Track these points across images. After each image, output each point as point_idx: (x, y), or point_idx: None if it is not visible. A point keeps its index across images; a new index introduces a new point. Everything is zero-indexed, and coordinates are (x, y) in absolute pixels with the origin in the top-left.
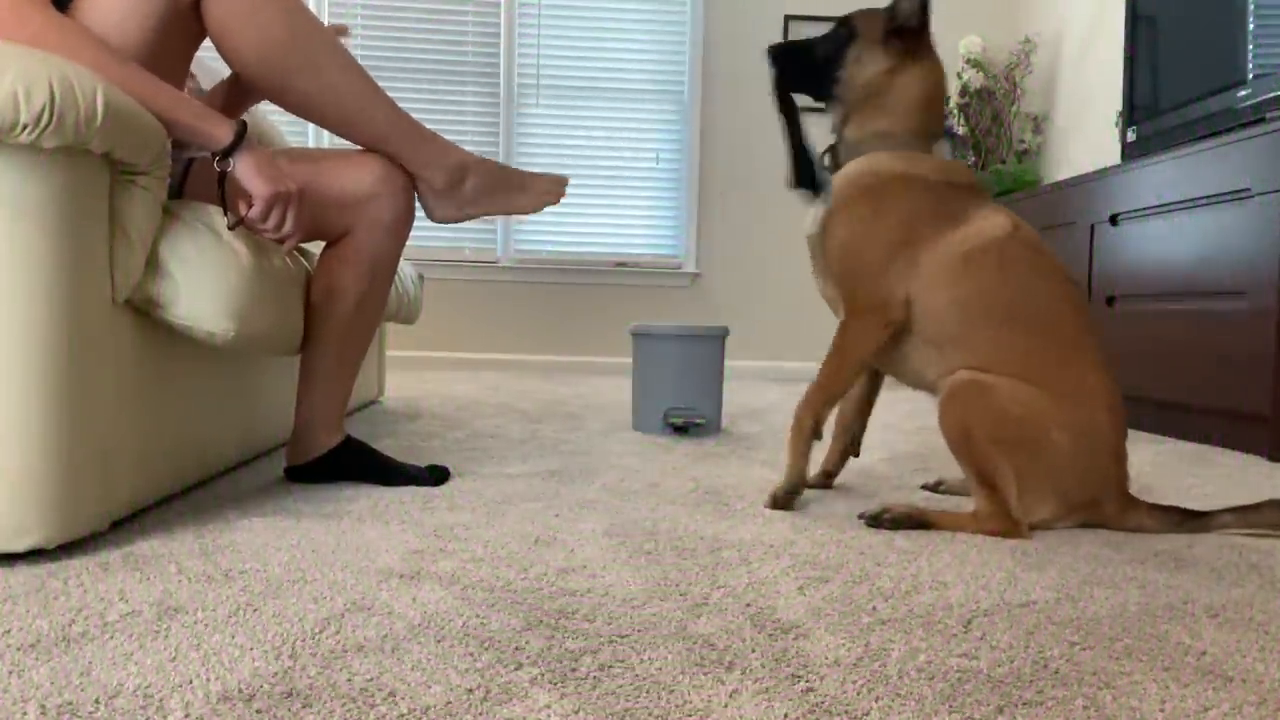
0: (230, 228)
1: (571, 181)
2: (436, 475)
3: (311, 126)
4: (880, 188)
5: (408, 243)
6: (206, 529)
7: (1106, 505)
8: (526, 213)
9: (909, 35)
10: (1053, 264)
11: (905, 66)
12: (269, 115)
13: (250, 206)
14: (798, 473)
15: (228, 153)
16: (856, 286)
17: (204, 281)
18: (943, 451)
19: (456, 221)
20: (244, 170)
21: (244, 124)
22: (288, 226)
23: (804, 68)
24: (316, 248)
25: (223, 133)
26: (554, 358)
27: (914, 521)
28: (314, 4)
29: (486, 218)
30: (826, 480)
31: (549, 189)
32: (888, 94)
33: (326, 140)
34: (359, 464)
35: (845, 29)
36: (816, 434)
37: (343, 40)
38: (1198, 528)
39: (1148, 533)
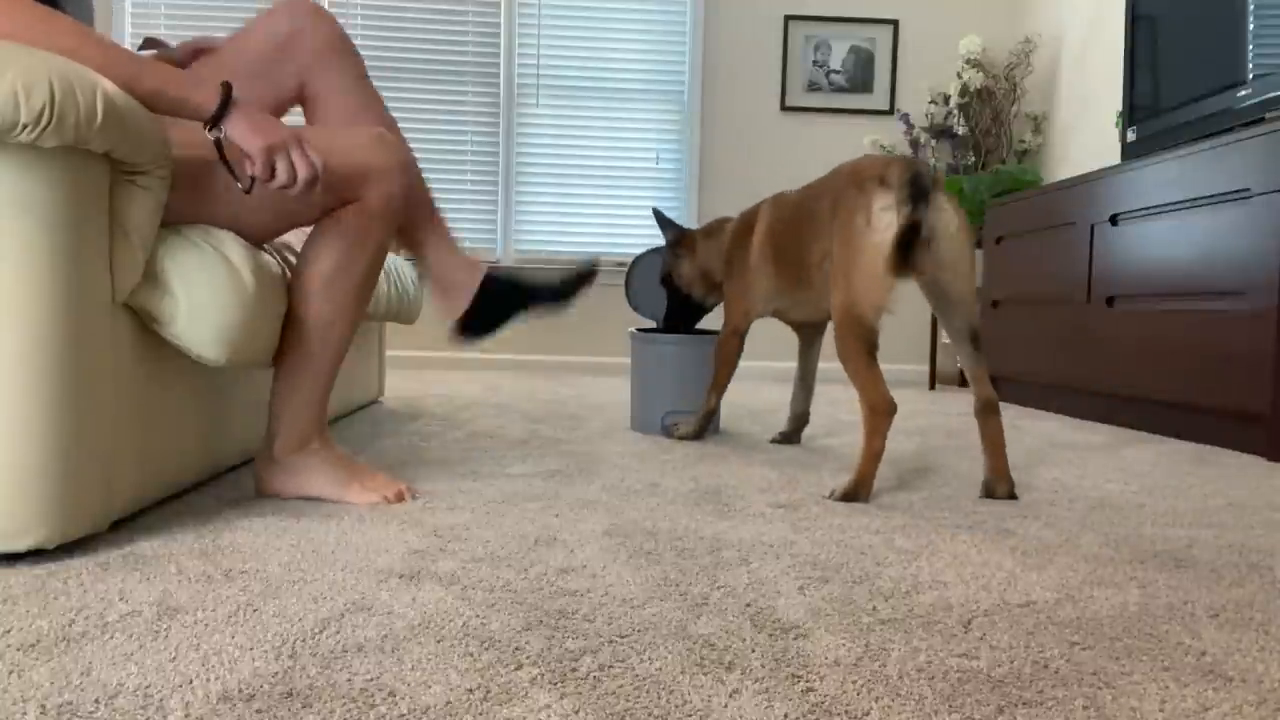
0: (248, 191)
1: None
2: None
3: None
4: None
5: None
6: (206, 529)
7: None
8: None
9: (677, 244)
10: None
11: (694, 249)
12: None
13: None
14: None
15: (217, 119)
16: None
17: (206, 306)
18: (943, 450)
19: None
20: (237, 132)
21: (229, 86)
22: (301, 173)
23: (673, 300)
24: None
25: (208, 99)
26: (554, 358)
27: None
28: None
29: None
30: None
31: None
32: (705, 262)
33: None
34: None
35: (665, 274)
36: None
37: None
38: None
39: None
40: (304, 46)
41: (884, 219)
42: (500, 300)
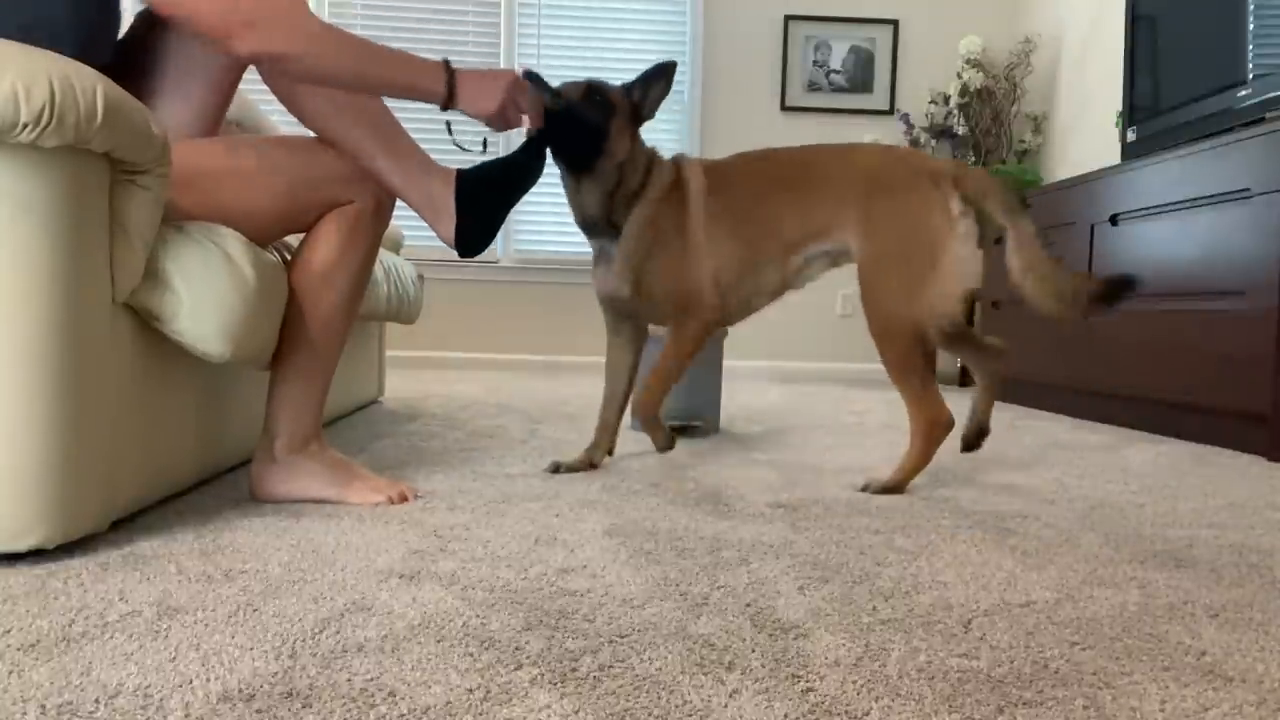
0: (483, 151)
1: None
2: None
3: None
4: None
5: (407, 243)
6: (206, 529)
7: None
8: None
9: (638, 118)
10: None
11: (635, 141)
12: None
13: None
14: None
15: (447, 103)
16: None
17: (208, 302)
18: (941, 450)
19: None
20: (470, 108)
21: (449, 66)
22: (527, 115)
23: (578, 131)
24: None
25: (437, 84)
26: (554, 358)
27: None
28: (315, 4)
29: None
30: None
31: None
32: (629, 169)
33: None
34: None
35: (600, 101)
36: None
37: None
38: None
39: None
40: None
41: (964, 225)
42: (480, 198)
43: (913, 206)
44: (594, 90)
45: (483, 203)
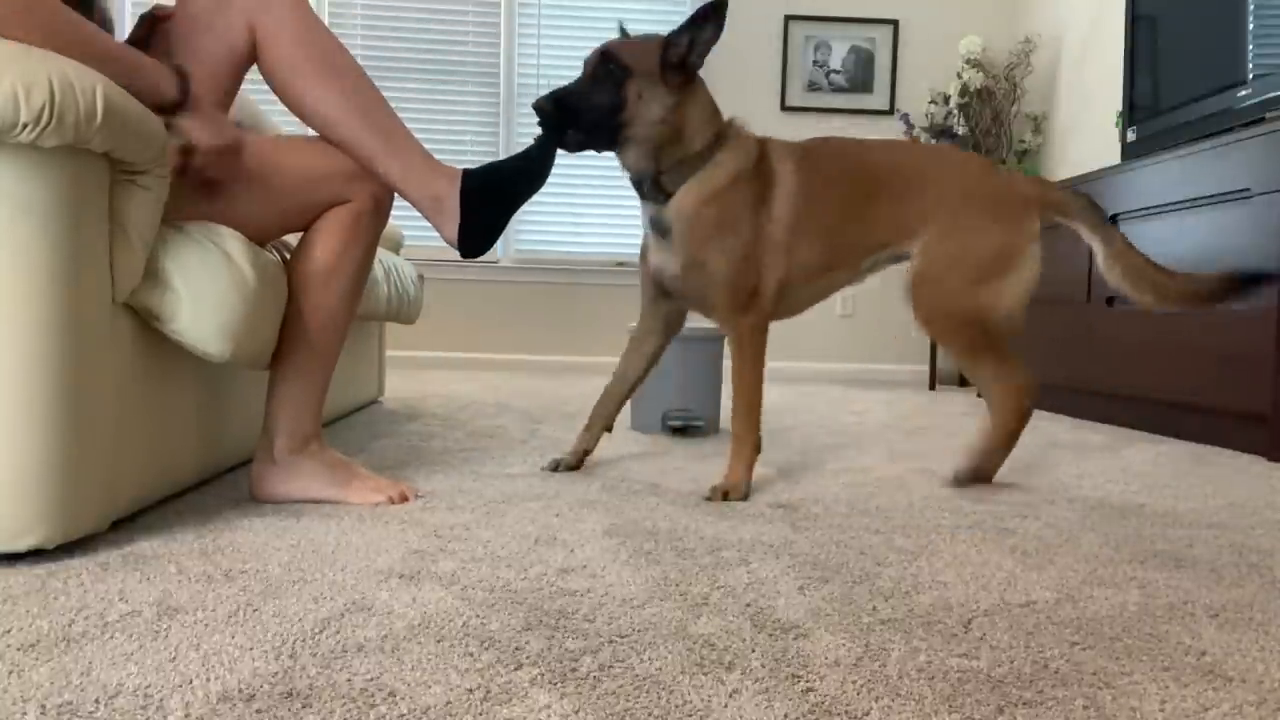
0: (179, 173)
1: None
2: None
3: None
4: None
5: (407, 243)
6: (206, 529)
7: None
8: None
9: (686, 68)
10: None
11: (689, 93)
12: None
13: (188, 154)
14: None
15: (175, 107)
16: None
17: (208, 302)
18: (942, 450)
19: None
20: (193, 125)
21: (187, 78)
22: (226, 174)
23: (584, 124)
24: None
25: (169, 87)
26: (554, 358)
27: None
28: (314, 4)
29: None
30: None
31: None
32: (686, 125)
33: None
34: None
35: (613, 69)
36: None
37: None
38: None
39: None
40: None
41: (1035, 250)
42: (485, 198)
43: (998, 225)
44: (606, 58)
45: (488, 203)
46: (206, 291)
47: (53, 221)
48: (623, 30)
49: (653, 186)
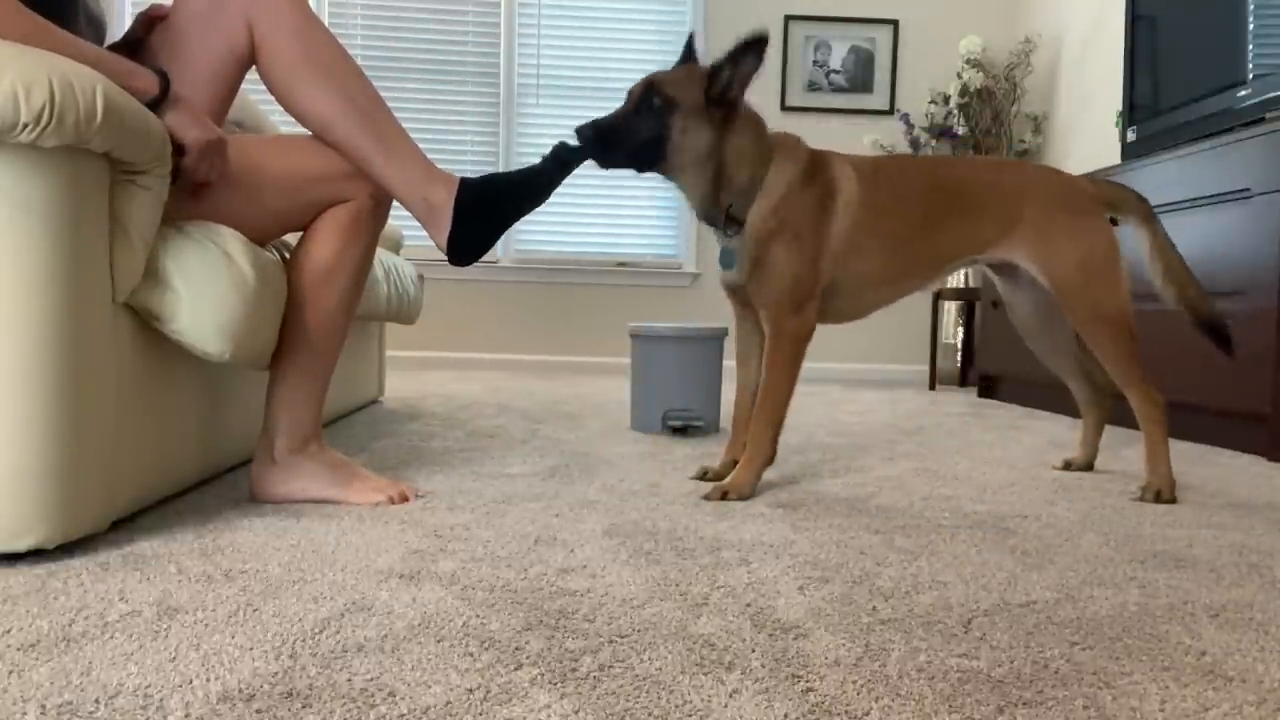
0: (173, 181)
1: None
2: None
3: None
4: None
5: (407, 243)
6: (206, 529)
7: None
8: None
9: (729, 102)
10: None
11: (733, 127)
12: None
13: (178, 153)
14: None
15: (155, 104)
16: None
17: (208, 302)
18: (941, 450)
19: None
20: (175, 121)
21: (166, 75)
22: (215, 175)
23: (626, 150)
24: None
25: (148, 85)
26: (554, 358)
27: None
28: (314, 4)
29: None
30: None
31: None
32: (732, 158)
33: None
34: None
35: (658, 100)
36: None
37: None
38: None
39: None
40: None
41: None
42: (481, 208)
43: (1093, 226)
44: (651, 90)
45: (481, 214)
46: (206, 291)
47: (52, 221)
48: (691, 43)
49: (727, 221)
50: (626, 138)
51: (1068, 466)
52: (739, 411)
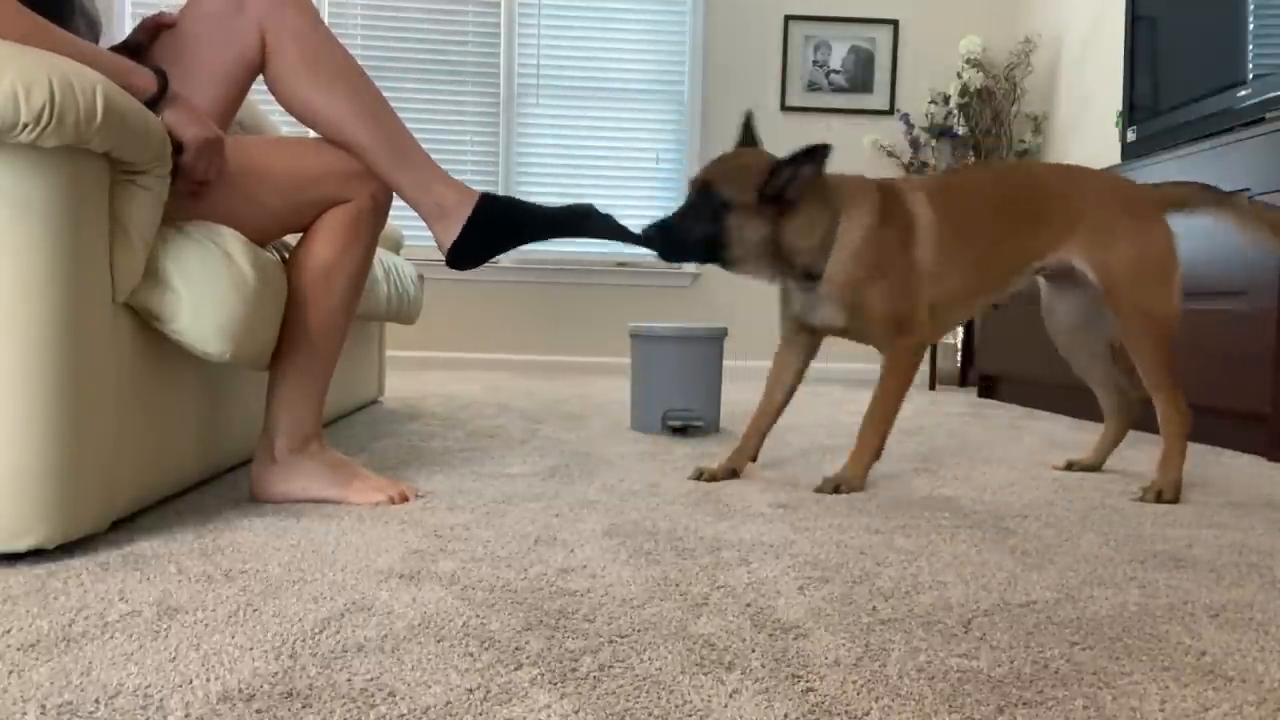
0: (172, 180)
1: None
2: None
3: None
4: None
5: (407, 243)
6: (206, 529)
7: None
8: None
9: (785, 202)
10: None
11: (789, 217)
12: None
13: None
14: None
15: (154, 102)
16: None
17: (208, 302)
18: (942, 450)
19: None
20: (174, 118)
21: (164, 73)
22: (213, 174)
23: (686, 250)
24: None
25: (146, 83)
26: (554, 358)
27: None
28: (314, 4)
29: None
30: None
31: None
32: (791, 239)
33: None
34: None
35: (712, 200)
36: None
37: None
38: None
39: None
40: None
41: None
42: (495, 223)
43: (1152, 228)
44: (707, 189)
45: (497, 229)
46: (206, 291)
47: (53, 221)
48: (749, 122)
49: (804, 279)
50: (686, 237)
51: (1070, 467)
52: (755, 424)
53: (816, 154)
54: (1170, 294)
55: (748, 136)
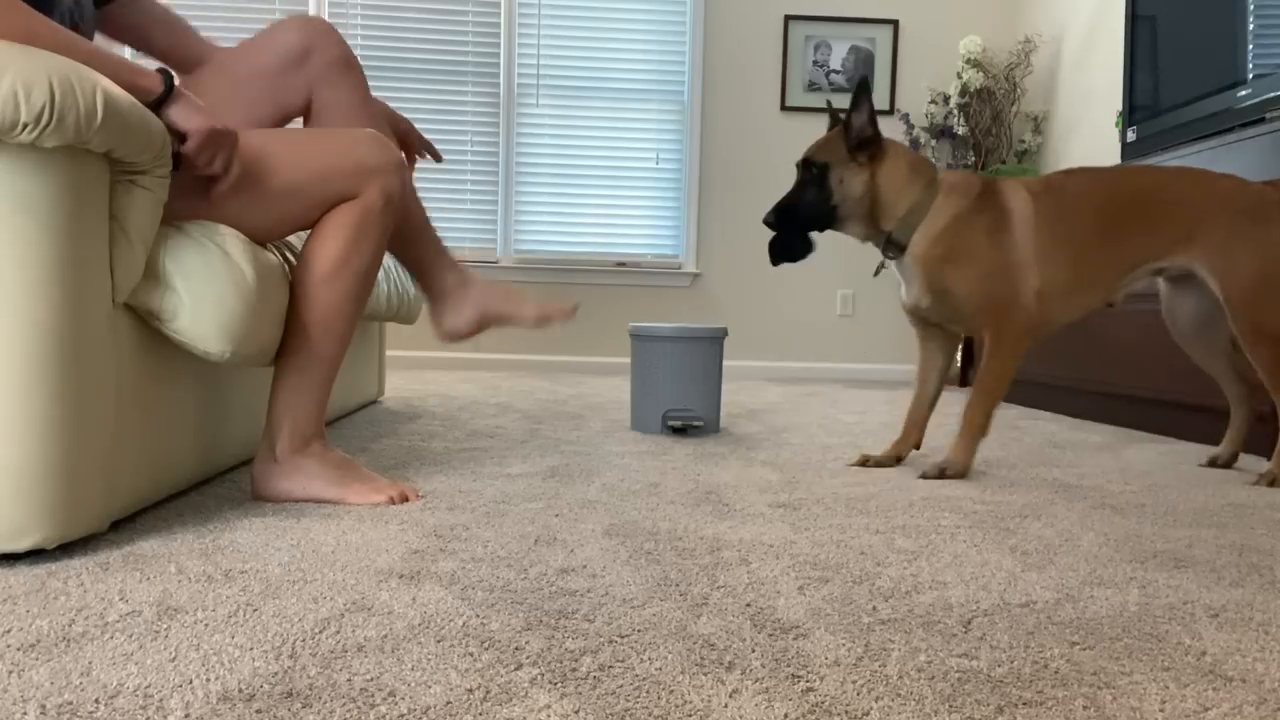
0: (174, 169)
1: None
2: None
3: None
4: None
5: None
6: (206, 529)
7: None
8: (528, 322)
9: (869, 142)
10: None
11: (880, 163)
12: None
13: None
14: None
15: (160, 102)
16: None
17: (207, 301)
18: (942, 450)
19: (466, 335)
20: (179, 113)
21: (170, 73)
22: (230, 167)
23: (802, 219)
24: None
25: (153, 83)
26: (554, 358)
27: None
28: (313, 5)
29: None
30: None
31: (547, 312)
32: (886, 190)
33: None
34: None
35: (815, 168)
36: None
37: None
38: None
39: None
40: (315, 62)
41: None
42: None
43: (1276, 234)
44: (807, 163)
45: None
46: (206, 292)
47: (53, 221)
48: (833, 112)
49: (888, 245)
50: (802, 208)
51: (1213, 463)
52: (912, 413)
53: (858, 89)
54: None
55: (835, 121)
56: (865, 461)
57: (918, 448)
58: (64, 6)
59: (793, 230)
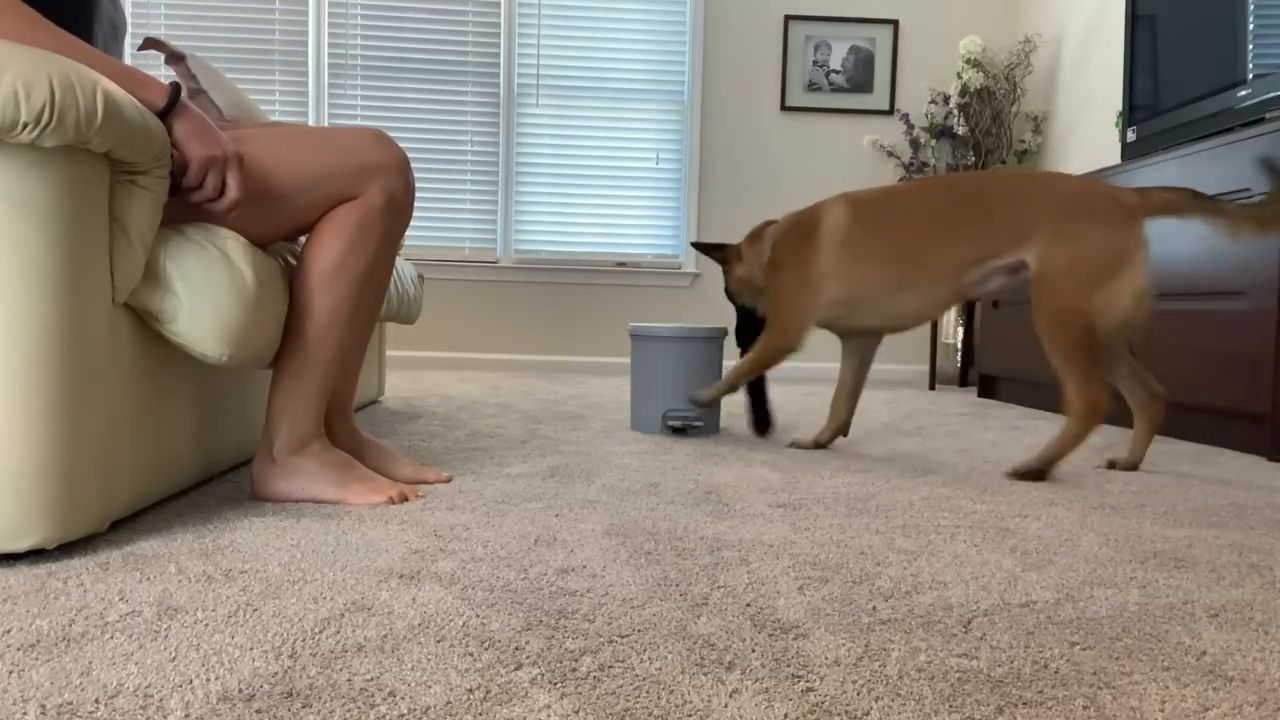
0: (173, 192)
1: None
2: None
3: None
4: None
5: (407, 243)
6: (206, 529)
7: None
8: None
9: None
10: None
11: (736, 256)
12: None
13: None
14: None
15: (162, 116)
16: None
17: (207, 304)
18: (942, 450)
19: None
20: (181, 131)
21: (177, 86)
22: (232, 192)
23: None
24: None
25: (156, 95)
26: (554, 358)
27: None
28: (313, 4)
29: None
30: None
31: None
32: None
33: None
34: None
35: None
36: None
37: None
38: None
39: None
40: (377, 182)
41: (1143, 255)
42: None
43: (1108, 230)
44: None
45: None
46: (205, 293)
47: (53, 221)
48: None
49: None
50: (742, 322)
51: (1112, 466)
52: (834, 403)
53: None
54: (1090, 292)
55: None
56: (794, 444)
57: (845, 434)
58: (103, 18)
59: (740, 324)
